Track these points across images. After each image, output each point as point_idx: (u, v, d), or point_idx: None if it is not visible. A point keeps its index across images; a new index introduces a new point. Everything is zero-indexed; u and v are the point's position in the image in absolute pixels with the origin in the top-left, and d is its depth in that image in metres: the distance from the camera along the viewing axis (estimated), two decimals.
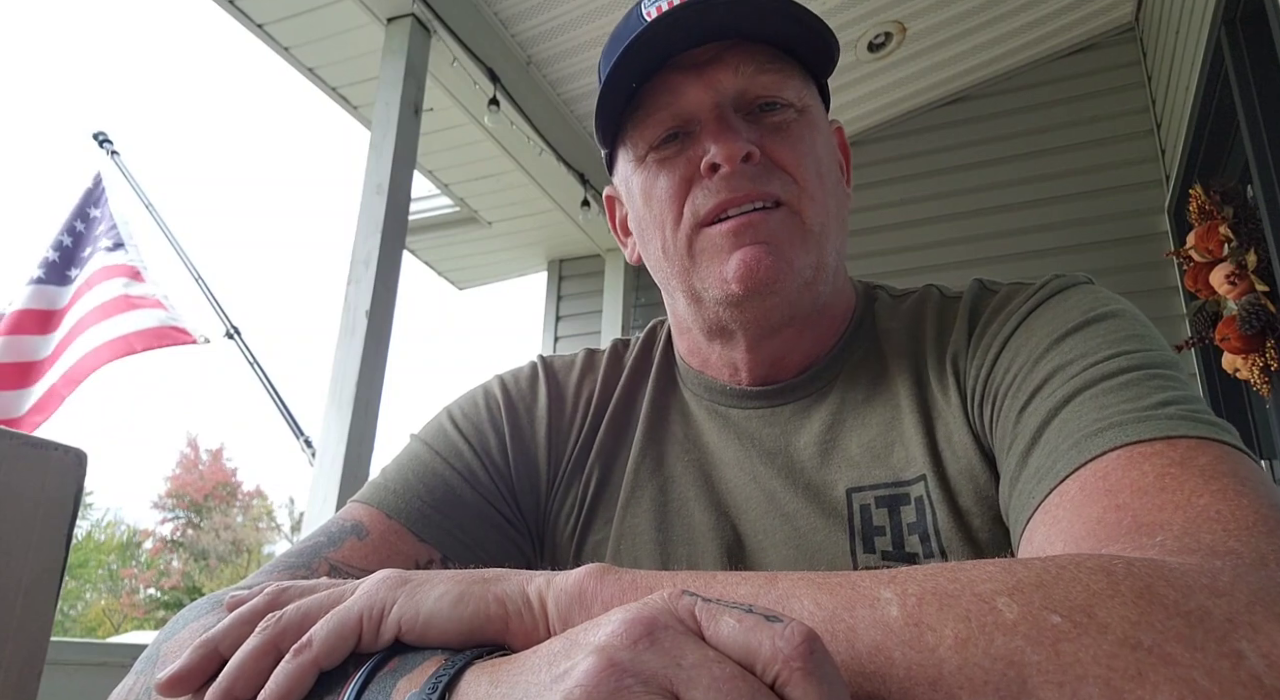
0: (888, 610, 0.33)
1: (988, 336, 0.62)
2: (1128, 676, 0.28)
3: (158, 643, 0.48)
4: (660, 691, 0.26)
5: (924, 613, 0.32)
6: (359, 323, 2.06)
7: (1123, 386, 0.50)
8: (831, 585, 0.35)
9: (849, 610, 0.33)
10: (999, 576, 0.33)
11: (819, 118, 0.68)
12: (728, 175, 0.62)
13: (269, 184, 77.95)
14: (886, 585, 0.34)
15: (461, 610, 0.37)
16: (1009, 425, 0.56)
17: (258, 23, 2.44)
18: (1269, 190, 2.02)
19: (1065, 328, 0.56)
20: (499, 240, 3.76)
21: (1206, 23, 2.29)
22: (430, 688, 0.32)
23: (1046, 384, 0.53)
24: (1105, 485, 0.44)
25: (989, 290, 0.67)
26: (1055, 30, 3.19)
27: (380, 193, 2.16)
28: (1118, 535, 0.40)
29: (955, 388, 0.63)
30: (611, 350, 0.79)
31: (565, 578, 0.38)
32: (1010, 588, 0.32)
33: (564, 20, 2.67)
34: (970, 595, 0.32)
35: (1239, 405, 2.69)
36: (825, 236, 0.65)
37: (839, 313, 0.71)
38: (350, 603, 0.38)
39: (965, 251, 3.23)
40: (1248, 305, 2.24)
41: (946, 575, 0.34)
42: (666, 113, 0.65)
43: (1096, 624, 0.30)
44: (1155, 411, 0.47)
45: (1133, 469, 0.44)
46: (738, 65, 0.63)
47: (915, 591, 0.33)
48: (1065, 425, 0.50)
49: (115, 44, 78.45)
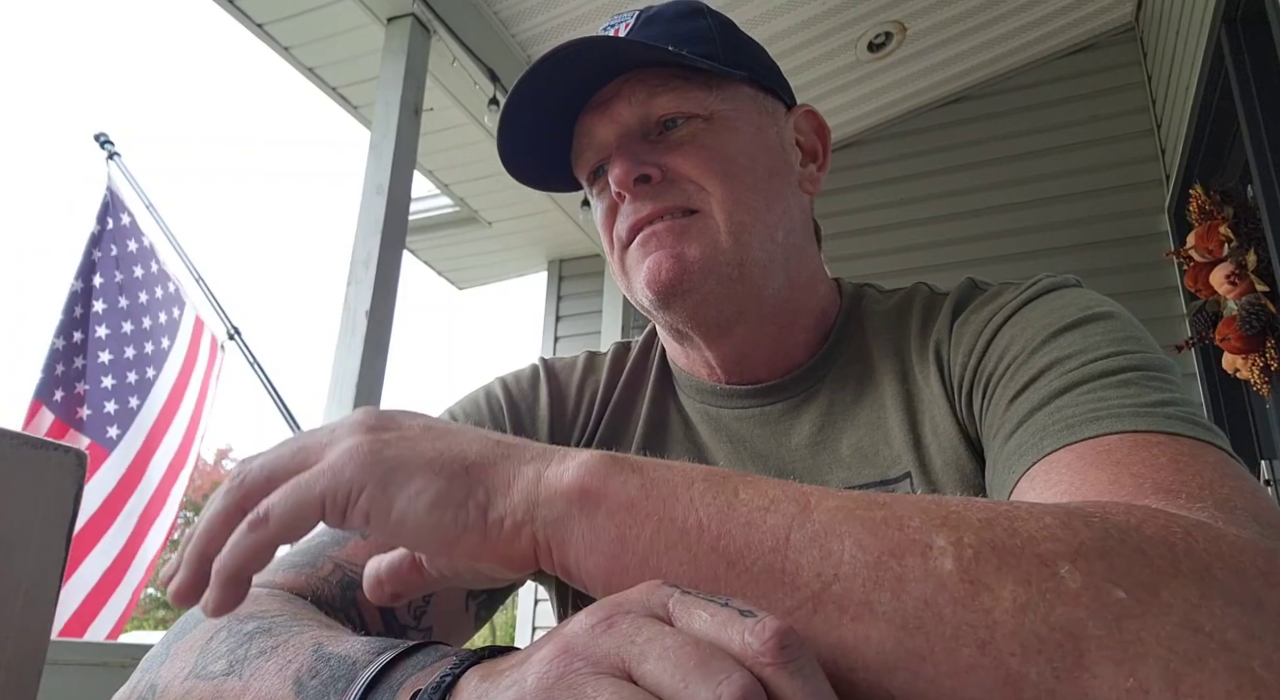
0: (941, 562, 0.31)
1: (975, 324, 0.62)
2: (1187, 660, 0.28)
3: (167, 642, 0.48)
4: (610, 670, 0.27)
5: (981, 570, 0.30)
6: (359, 323, 2.05)
7: (1124, 384, 0.49)
8: (875, 524, 0.33)
9: (897, 558, 0.31)
10: (1060, 534, 0.31)
11: (738, 117, 0.68)
12: (630, 199, 0.66)
13: (268, 184, 77.93)
14: (939, 530, 0.32)
15: (438, 516, 0.35)
16: (999, 411, 0.55)
17: (258, 22, 2.44)
18: (1269, 190, 2.01)
19: (1063, 322, 0.56)
20: (499, 240, 3.76)
21: (1206, 23, 2.29)
22: (434, 688, 0.32)
23: (1043, 375, 0.53)
24: (1110, 458, 0.43)
25: (978, 287, 0.68)
26: (1055, 30, 3.19)
27: (380, 193, 2.16)
28: (1145, 495, 0.39)
29: (938, 376, 0.63)
30: (613, 353, 0.79)
31: (560, 475, 0.35)
32: (1073, 552, 0.30)
33: (564, 20, 2.67)
34: (1031, 556, 0.31)
35: (1239, 405, 2.69)
36: (745, 233, 0.65)
37: (816, 310, 0.71)
38: (314, 477, 0.36)
39: (965, 251, 3.22)
40: (1248, 305, 2.24)
41: (1003, 526, 0.32)
42: (590, 153, 0.70)
43: (1160, 603, 0.29)
44: (1158, 409, 0.46)
45: (1141, 451, 0.43)
46: (630, 95, 0.67)
47: (972, 543, 0.31)
48: (1060, 411, 0.49)
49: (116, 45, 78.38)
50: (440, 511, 0.35)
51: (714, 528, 0.34)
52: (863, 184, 3.45)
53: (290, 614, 0.47)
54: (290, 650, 0.41)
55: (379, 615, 0.59)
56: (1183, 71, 2.64)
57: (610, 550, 0.35)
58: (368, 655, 0.38)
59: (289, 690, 0.38)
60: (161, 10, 79.24)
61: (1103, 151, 3.15)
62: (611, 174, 0.65)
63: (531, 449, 0.38)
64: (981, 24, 3.08)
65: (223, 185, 74.81)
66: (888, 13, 2.94)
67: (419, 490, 0.35)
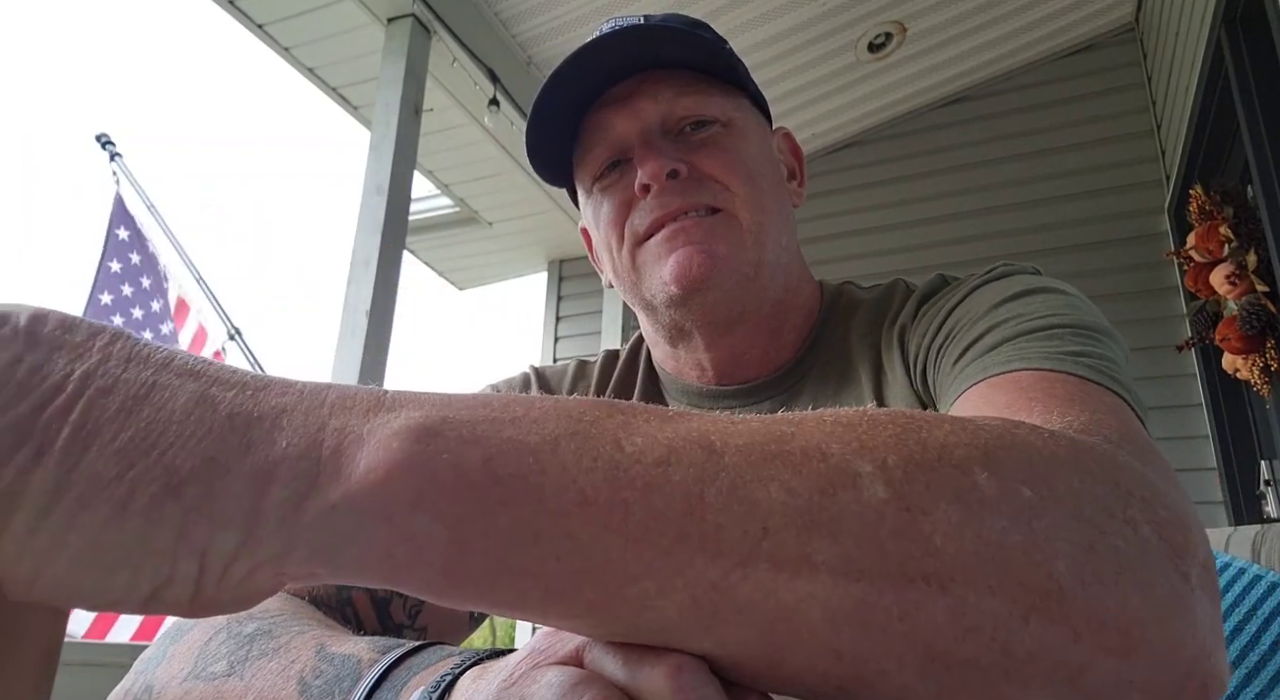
0: (874, 490, 0.28)
1: (935, 309, 0.65)
2: (1082, 549, 0.28)
3: (163, 644, 0.48)
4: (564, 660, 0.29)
5: (912, 492, 0.28)
6: (359, 323, 2.06)
7: (1049, 337, 0.52)
8: (796, 459, 0.29)
9: (828, 495, 0.28)
10: (965, 438, 0.30)
11: (749, 127, 0.72)
12: (658, 193, 0.66)
13: (268, 184, 78.00)
14: (860, 455, 0.29)
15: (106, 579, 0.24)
16: (945, 374, 0.58)
17: (258, 23, 2.44)
18: (1269, 190, 2.02)
19: (1006, 295, 0.59)
20: (499, 240, 3.76)
21: (1206, 23, 2.29)
22: (434, 687, 0.32)
23: (983, 337, 0.56)
24: (1016, 385, 0.48)
25: (947, 280, 0.70)
26: (1055, 30, 3.19)
27: (380, 193, 2.16)
28: (1034, 415, 0.42)
29: (900, 359, 0.66)
30: (602, 360, 0.81)
31: (348, 475, 0.26)
32: (982, 456, 0.29)
33: (564, 20, 2.67)
34: (949, 467, 0.29)
35: (1239, 405, 2.69)
36: (764, 234, 0.68)
37: (801, 309, 0.73)
38: None
39: (965, 252, 3.22)
40: (1248, 305, 2.24)
41: (914, 438, 0.30)
42: (602, 147, 0.70)
43: (1055, 496, 0.29)
44: (1075, 357, 0.49)
45: (1043, 382, 0.47)
46: (655, 93, 0.68)
47: (897, 463, 0.29)
48: (986, 357, 0.53)
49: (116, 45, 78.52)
50: (115, 571, 0.24)
51: (604, 499, 0.27)
52: (862, 185, 3.45)
53: (290, 613, 0.47)
54: (293, 651, 0.41)
55: (374, 613, 0.59)
56: (1183, 72, 2.64)
57: (444, 564, 0.26)
58: (372, 654, 0.38)
59: (293, 690, 0.38)
60: (162, 11, 79.47)
61: (1103, 152, 3.15)
62: (643, 167, 0.66)
63: (292, 422, 0.27)
64: (981, 25, 3.08)
65: (223, 185, 74.94)
66: (887, 13, 2.95)
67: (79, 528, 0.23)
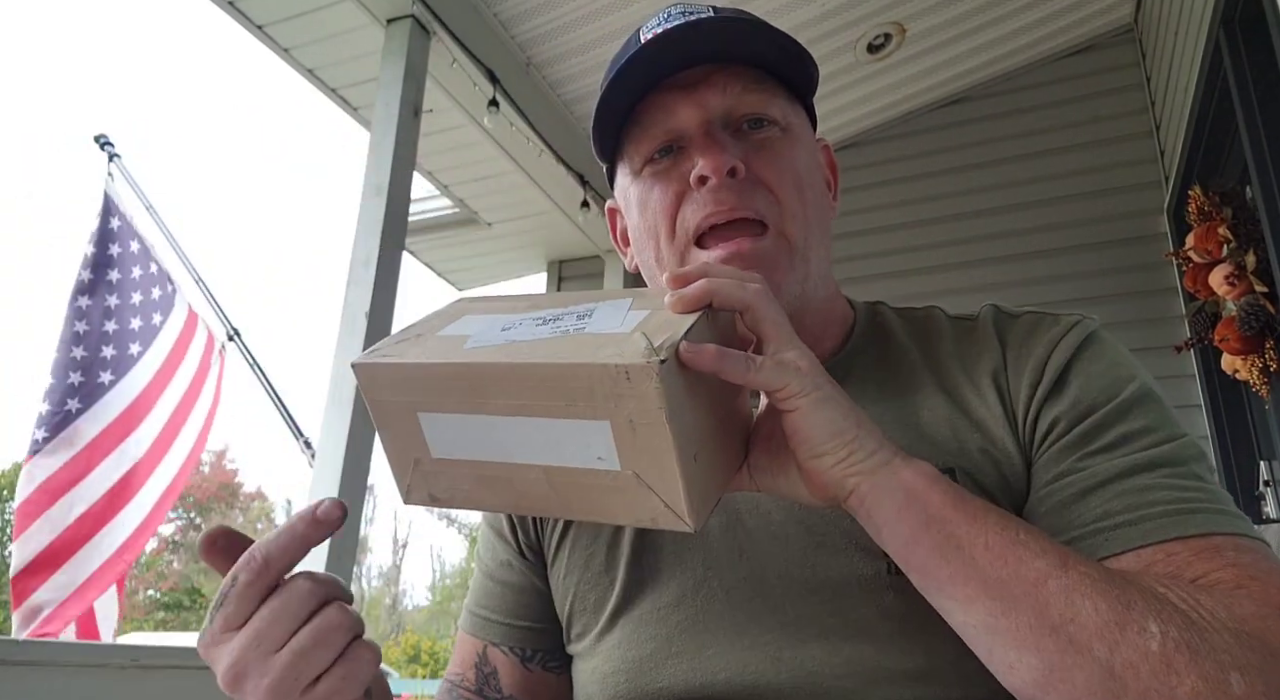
0: (1149, 643, 0.44)
1: (1035, 358, 0.65)
2: None
3: None
4: None
5: (1176, 660, 0.43)
6: (359, 324, 2.05)
7: (1189, 475, 0.56)
8: (1112, 598, 0.45)
9: (1121, 628, 0.44)
10: (1235, 650, 0.43)
11: (803, 135, 0.72)
12: (714, 188, 0.65)
13: (268, 185, 77.90)
14: (1154, 617, 0.44)
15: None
16: (1068, 455, 0.59)
17: (257, 24, 2.44)
18: (1268, 191, 2.02)
19: (1124, 394, 0.61)
20: (499, 241, 3.76)
21: (1206, 24, 2.30)
22: None
23: (1117, 447, 0.58)
24: (1226, 560, 0.52)
25: (1007, 314, 0.70)
26: (1055, 31, 3.19)
27: (380, 194, 2.16)
28: (1266, 604, 0.49)
29: (997, 398, 0.65)
30: None
31: (897, 467, 0.51)
32: (1243, 664, 0.43)
33: (564, 22, 2.67)
34: (1213, 662, 0.43)
35: (1238, 405, 2.69)
36: (809, 250, 0.68)
37: (839, 318, 0.73)
38: None
39: (965, 252, 3.23)
40: (1247, 306, 2.24)
41: (1198, 628, 0.44)
42: (660, 129, 0.69)
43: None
44: (1238, 518, 0.54)
45: (1244, 554, 0.52)
46: (725, 85, 0.67)
47: (1175, 637, 0.44)
48: (1146, 492, 0.55)
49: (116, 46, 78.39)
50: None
51: (997, 549, 0.47)
52: (862, 185, 3.45)
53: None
54: None
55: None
56: (1182, 73, 2.64)
57: (914, 519, 0.49)
58: None
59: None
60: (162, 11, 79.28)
61: (1102, 153, 3.15)
62: (705, 158, 0.65)
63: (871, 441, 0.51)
64: (981, 25, 3.08)
65: (223, 185, 74.83)
66: (887, 14, 2.95)
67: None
